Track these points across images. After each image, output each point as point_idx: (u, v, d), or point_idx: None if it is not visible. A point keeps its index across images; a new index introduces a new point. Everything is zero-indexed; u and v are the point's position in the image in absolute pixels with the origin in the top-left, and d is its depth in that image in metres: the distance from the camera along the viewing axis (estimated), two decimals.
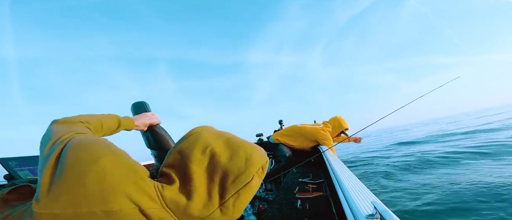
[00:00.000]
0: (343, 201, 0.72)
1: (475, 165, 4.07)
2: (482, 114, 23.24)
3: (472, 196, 2.63)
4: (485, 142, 6.00)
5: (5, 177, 0.98)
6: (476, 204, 2.41)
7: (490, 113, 21.39)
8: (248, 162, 0.42)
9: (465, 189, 2.87)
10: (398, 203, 2.89)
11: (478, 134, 8.13)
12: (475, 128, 9.65)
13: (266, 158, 0.46)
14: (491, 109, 39.91)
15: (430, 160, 5.09)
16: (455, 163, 4.49)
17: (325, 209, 0.94)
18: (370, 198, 0.62)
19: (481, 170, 3.65)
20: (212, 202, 0.39)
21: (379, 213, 0.47)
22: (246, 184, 0.40)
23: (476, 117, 19.93)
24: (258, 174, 0.43)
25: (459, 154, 5.17)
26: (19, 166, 1.00)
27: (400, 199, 3.03)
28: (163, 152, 1.08)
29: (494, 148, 5.16)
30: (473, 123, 12.81)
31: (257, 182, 0.43)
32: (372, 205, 0.54)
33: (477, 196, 2.60)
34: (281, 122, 3.84)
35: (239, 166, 0.41)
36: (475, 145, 5.90)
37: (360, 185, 0.79)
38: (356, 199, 0.62)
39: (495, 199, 2.44)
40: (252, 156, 0.43)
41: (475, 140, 6.72)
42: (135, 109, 1.08)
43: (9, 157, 1.06)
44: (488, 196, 2.54)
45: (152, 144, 1.08)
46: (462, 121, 17.20)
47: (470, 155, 4.91)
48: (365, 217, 0.50)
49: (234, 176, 0.40)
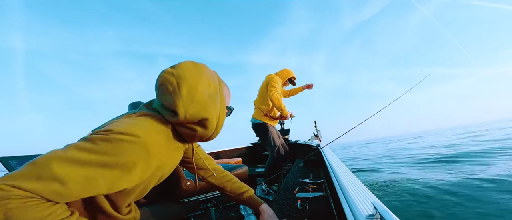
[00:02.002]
0: (343, 201, 0.71)
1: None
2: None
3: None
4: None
5: None
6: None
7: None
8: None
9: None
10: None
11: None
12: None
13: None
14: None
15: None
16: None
17: (325, 209, 0.94)
18: (370, 198, 0.62)
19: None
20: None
21: (379, 213, 0.47)
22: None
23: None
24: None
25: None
26: (19, 165, 1.00)
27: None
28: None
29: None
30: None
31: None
32: (372, 205, 0.54)
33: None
34: (282, 123, 3.85)
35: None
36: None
37: (360, 185, 0.78)
38: (356, 199, 0.62)
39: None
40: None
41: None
42: (133, 109, 1.08)
43: (9, 156, 1.07)
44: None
45: None
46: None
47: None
48: (365, 217, 0.50)
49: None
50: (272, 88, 2.12)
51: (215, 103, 0.59)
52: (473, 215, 2.21)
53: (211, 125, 0.59)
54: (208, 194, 1.24)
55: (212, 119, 0.58)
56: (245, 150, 3.92)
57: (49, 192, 0.38)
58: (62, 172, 0.39)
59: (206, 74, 0.58)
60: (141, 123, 0.50)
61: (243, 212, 1.37)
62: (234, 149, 3.80)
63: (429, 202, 2.69)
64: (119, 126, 0.47)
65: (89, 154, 0.42)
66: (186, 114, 0.53)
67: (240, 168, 1.35)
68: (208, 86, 0.58)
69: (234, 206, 1.78)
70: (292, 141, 3.65)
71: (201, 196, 1.23)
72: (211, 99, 0.58)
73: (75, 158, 0.41)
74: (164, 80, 0.54)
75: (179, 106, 0.53)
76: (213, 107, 0.58)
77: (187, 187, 1.10)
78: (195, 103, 0.54)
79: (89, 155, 0.42)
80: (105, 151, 0.43)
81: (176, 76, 0.53)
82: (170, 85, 0.53)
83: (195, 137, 0.60)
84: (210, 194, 1.25)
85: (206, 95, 0.56)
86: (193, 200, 1.21)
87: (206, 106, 0.56)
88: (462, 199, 2.63)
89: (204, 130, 0.59)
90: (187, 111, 0.53)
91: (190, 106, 0.54)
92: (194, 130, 0.58)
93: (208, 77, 0.58)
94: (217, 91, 0.61)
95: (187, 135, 0.59)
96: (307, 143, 3.00)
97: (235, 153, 3.79)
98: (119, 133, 0.45)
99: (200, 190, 1.19)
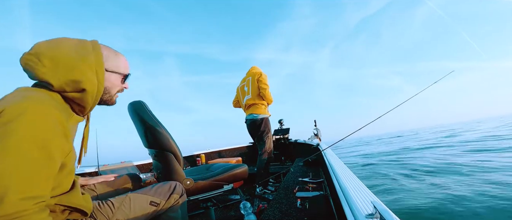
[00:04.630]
0: (343, 200, 0.72)
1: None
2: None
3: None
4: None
5: None
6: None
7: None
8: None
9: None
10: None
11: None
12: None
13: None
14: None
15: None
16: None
17: (325, 209, 0.94)
18: (370, 198, 0.62)
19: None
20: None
21: (379, 213, 0.47)
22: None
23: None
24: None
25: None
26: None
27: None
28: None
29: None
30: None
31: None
32: (372, 204, 0.54)
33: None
34: (281, 122, 3.85)
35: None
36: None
37: (360, 184, 0.79)
38: (356, 199, 0.62)
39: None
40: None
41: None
42: (133, 109, 1.08)
43: None
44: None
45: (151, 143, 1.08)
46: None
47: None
48: (365, 216, 0.50)
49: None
50: (267, 87, 2.17)
51: (85, 60, 0.56)
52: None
53: (85, 86, 0.56)
54: (208, 193, 1.24)
55: (87, 79, 0.55)
56: (245, 149, 3.92)
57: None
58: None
59: (67, 41, 0.56)
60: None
61: (243, 211, 1.38)
62: (235, 148, 3.81)
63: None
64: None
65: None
66: (60, 81, 0.53)
67: (240, 167, 1.35)
68: (73, 49, 0.55)
69: (234, 205, 1.78)
70: (292, 140, 3.65)
71: (201, 196, 1.23)
72: (80, 58, 0.55)
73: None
74: (27, 61, 0.52)
75: (48, 75, 0.52)
76: (87, 66, 0.56)
77: (187, 186, 1.11)
78: (61, 66, 0.53)
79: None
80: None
81: (34, 54, 0.52)
82: (32, 63, 0.51)
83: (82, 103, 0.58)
84: (210, 193, 1.25)
85: (72, 56, 0.54)
86: (193, 199, 1.21)
87: (75, 65, 0.54)
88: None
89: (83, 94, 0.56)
90: (58, 78, 0.52)
91: (57, 70, 0.52)
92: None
93: (70, 43, 0.56)
94: (87, 52, 0.57)
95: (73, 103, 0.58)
96: (307, 142, 3.00)
97: (236, 152, 3.79)
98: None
99: (200, 190, 1.19)
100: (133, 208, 0.72)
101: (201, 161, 3.07)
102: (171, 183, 0.85)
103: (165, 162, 1.08)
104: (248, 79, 2.27)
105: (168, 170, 1.07)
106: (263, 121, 2.22)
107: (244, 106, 2.32)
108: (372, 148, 12.97)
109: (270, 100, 2.23)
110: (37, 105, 0.45)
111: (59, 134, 0.48)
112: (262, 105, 2.24)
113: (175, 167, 1.08)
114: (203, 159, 3.10)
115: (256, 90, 2.22)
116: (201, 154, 3.16)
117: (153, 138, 1.03)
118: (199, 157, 3.09)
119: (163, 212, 0.80)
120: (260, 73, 2.20)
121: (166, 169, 1.08)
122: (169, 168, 1.07)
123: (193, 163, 3.08)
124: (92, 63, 0.57)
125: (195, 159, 3.09)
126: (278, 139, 3.57)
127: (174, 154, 1.07)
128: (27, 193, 0.41)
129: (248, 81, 2.27)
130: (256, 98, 2.23)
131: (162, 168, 1.10)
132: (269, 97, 2.20)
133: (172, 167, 1.07)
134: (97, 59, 0.58)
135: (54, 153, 0.46)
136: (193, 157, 3.12)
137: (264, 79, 2.18)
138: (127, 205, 0.72)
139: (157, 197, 0.78)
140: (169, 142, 1.05)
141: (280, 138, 3.58)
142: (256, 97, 2.23)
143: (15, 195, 0.39)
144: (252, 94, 2.25)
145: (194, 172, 1.49)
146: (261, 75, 2.19)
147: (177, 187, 0.84)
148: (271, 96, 2.20)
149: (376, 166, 6.18)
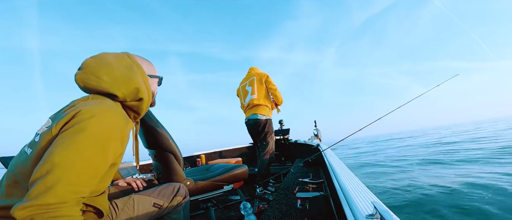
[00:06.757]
0: (343, 201, 0.71)
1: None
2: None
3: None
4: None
5: None
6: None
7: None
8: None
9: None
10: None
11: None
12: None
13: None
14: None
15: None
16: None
17: (325, 209, 0.94)
18: (370, 198, 0.62)
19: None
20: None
21: (379, 213, 0.47)
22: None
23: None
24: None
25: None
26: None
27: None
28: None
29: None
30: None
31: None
32: (372, 205, 0.53)
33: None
34: (281, 122, 3.85)
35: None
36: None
37: (360, 185, 0.78)
38: (356, 199, 0.62)
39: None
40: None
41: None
42: None
43: (9, 156, 1.06)
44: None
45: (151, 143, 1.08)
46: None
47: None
48: (365, 217, 0.50)
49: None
50: (276, 87, 2.20)
51: (135, 72, 0.64)
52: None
53: (143, 95, 0.64)
54: (208, 194, 1.24)
55: (142, 89, 0.63)
56: (245, 149, 3.92)
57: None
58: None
59: (108, 56, 0.63)
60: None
61: (243, 211, 1.37)
62: (235, 148, 3.80)
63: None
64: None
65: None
66: (123, 93, 0.60)
67: (240, 167, 1.35)
68: (119, 62, 0.63)
69: (234, 206, 1.78)
70: (292, 140, 3.65)
71: (201, 196, 1.22)
72: (129, 70, 0.63)
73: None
74: (86, 80, 0.58)
75: (112, 88, 0.59)
76: (139, 77, 0.64)
77: (187, 187, 1.10)
78: (120, 80, 0.60)
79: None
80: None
81: (90, 73, 0.58)
82: (92, 81, 0.58)
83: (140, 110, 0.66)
84: (210, 193, 1.24)
85: (123, 70, 0.61)
86: (193, 200, 1.21)
87: (130, 77, 0.61)
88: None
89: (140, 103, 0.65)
90: (122, 91, 0.60)
91: (118, 84, 0.59)
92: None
93: (112, 57, 0.63)
94: (131, 63, 0.65)
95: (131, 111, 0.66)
96: (307, 143, 3.00)
97: (236, 152, 3.79)
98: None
99: (200, 190, 1.18)
100: (136, 209, 0.72)
101: (201, 161, 3.07)
102: (175, 185, 0.85)
103: (165, 163, 1.07)
104: (252, 80, 2.26)
105: (168, 171, 1.07)
106: (267, 122, 2.22)
107: (246, 106, 2.30)
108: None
109: (281, 101, 2.28)
110: (107, 111, 0.52)
111: (117, 137, 0.54)
112: (266, 106, 2.24)
113: (175, 167, 1.07)
114: (203, 160, 3.10)
115: (263, 91, 2.22)
116: (201, 154, 3.16)
117: (153, 139, 1.03)
118: (199, 158, 3.08)
119: (166, 214, 0.80)
120: (266, 75, 2.22)
121: (166, 169, 1.08)
122: (169, 168, 1.07)
123: (193, 163, 3.08)
124: (139, 74, 0.65)
125: (195, 159, 3.09)
126: (278, 140, 3.57)
127: (174, 155, 1.07)
128: (74, 187, 0.44)
129: (252, 82, 2.26)
130: (263, 99, 2.22)
131: (162, 168, 1.10)
132: (280, 97, 2.24)
133: (172, 168, 1.07)
134: (139, 68, 0.67)
135: (109, 154, 0.51)
136: (193, 158, 3.12)
137: (272, 80, 2.21)
138: (130, 206, 0.72)
139: (160, 199, 0.78)
140: (169, 143, 1.05)
141: (280, 138, 3.58)
142: (263, 98, 2.22)
143: (64, 187, 0.42)
144: (258, 94, 2.23)
145: (194, 172, 1.49)
146: (268, 76, 2.21)
147: (181, 189, 0.85)
148: (281, 96, 2.25)
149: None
